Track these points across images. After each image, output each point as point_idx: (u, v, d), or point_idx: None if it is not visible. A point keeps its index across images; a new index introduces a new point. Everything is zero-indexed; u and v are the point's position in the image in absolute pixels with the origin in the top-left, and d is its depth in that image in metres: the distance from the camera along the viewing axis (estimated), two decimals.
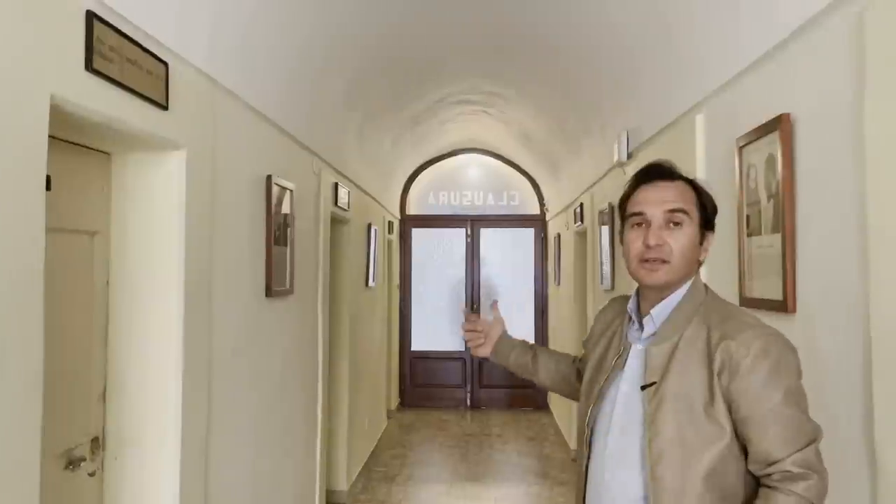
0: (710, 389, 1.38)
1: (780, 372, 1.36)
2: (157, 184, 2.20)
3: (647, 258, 1.46)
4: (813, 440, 1.35)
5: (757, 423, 1.35)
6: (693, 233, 1.48)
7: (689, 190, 1.50)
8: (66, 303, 2.00)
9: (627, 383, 1.51)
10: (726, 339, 1.38)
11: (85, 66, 1.68)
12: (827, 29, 1.70)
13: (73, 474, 2.02)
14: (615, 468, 1.49)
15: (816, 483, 1.32)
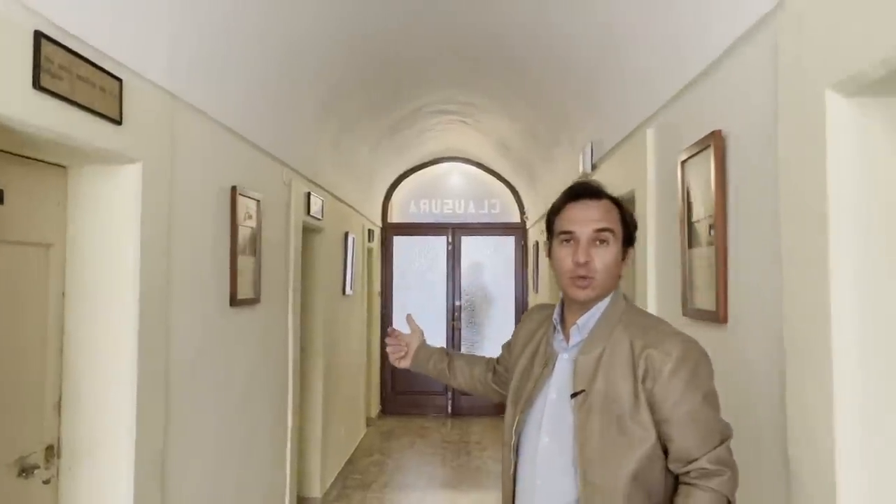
0: (635, 395, 1.48)
1: (699, 377, 1.48)
2: (112, 196, 2.24)
3: (577, 275, 1.55)
4: (726, 438, 1.48)
5: (677, 423, 1.45)
6: (617, 250, 1.57)
7: (614, 208, 1.60)
8: (21, 313, 2.04)
9: (555, 391, 1.58)
10: (648, 348, 1.48)
11: (32, 84, 1.72)
12: (749, 52, 1.77)
13: (27, 482, 2.05)
14: (546, 473, 1.56)
15: (729, 478, 1.45)
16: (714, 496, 1.42)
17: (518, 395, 1.66)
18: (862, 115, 1.33)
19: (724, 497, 1.43)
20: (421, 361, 2.03)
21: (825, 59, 1.39)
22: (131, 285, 2.24)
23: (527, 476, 1.60)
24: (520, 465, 1.62)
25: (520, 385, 1.67)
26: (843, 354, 1.33)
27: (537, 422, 1.59)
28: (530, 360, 1.69)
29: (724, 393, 1.83)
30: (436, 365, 2.01)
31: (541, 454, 1.57)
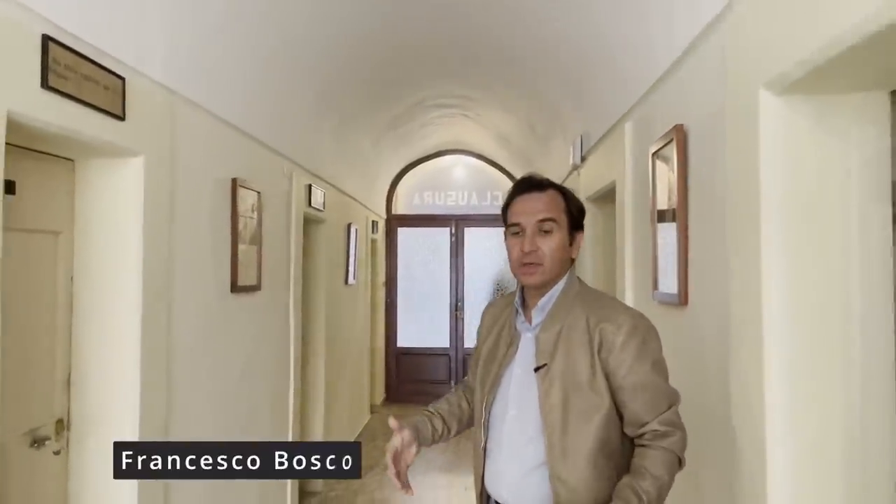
0: (591, 366, 1.63)
1: (647, 347, 1.64)
2: (116, 187, 2.40)
3: (525, 262, 1.70)
4: (673, 403, 1.64)
5: (630, 390, 1.61)
6: (562, 236, 1.71)
7: (559, 197, 1.74)
8: (33, 296, 2.20)
9: (520, 367, 1.73)
10: (602, 322, 1.64)
11: (41, 83, 1.87)
12: (705, 50, 1.90)
13: (39, 452, 2.22)
14: (514, 442, 1.70)
15: (679, 438, 1.61)
16: (665, 454, 1.58)
17: (486, 376, 1.79)
18: (790, 112, 1.46)
19: (675, 455, 1.59)
20: (425, 441, 1.86)
21: (759, 58, 1.51)
22: (134, 270, 2.40)
23: (496, 448, 1.73)
24: (490, 439, 1.75)
25: (486, 367, 1.81)
26: (772, 331, 1.46)
27: (505, 397, 1.74)
28: (495, 342, 1.83)
29: (684, 370, 1.97)
30: (434, 436, 1.90)
31: (508, 425, 1.71)
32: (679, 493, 1.75)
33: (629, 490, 1.55)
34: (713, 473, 1.79)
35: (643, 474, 1.57)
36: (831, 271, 1.44)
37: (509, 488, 1.70)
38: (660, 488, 1.56)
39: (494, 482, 1.75)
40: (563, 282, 1.74)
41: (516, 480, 1.69)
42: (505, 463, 1.72)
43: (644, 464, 1.58)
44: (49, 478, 2.28)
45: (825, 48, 1.23)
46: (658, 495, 1.55)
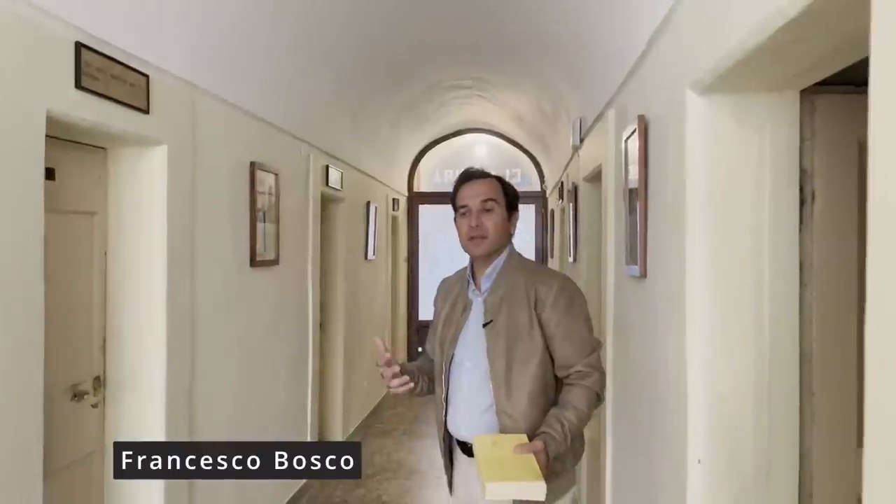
0: (530, 319, 1.97)
1: (573, 303, 1.99)
2: (143, 172, 2.70)
3: (472, 236, 2.04)
4: (595, 349, 1.99)
5: (560, 339, 1.95)
6: (502, 214, 2.07)
7: (497, 183, 2.10)
8: (73, 271, 2.51)
9: (473, 326, 2.06)
10: (537, 284, 1.99)
11: (75, 84, 2.16)
12: (662, 44, 2.10)
13: (79, 404, 2.55)
14: (469, 389, 2.03)
15: (599, 378, 1.96)
16: (586, 391, 1.93)
17: (445, 337, 2.11)
18: (712, 110, 1.67)
19: (594, 391, 1.94)
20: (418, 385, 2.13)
21: (686, 60, 1.72)
22: (160, 246, 2.70)
23: (456, 394, 2.07)
24: (450, 390, 2.08)
25: (445, 329, 2.13)
26: (693, 298, 1.69)
27: (462, 352, 2.06)
28: (451, 309, 2.15)
29: (647, 335, 2.21)
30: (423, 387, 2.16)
31: (465, 375, 2.05)
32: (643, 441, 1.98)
33: (554, 419, 1.87)
34: (666, 419, 2.03)
35: (566, 406, 1.90)
36: (745, 247, 1.65)
37: (466, 427, 2.02)
38: (580, 418, 1.89)
39: (454, 424, 2.07)
40: (505, 254, 2.09)
41: (473, 419, 2.00)
42: (462, 406, 2.04)
43: (568, 398, 1.92)
44: (88, 427, 2.61)
45: (733, 51, 1.43)
46: (578, 423, 1.89)
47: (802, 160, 1.65)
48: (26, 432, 1.95)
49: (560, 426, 1.85)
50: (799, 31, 1.19)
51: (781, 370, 1.64)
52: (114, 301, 2.70)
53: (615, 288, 2.95)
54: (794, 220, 1.65)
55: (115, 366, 2.70)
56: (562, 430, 1.85)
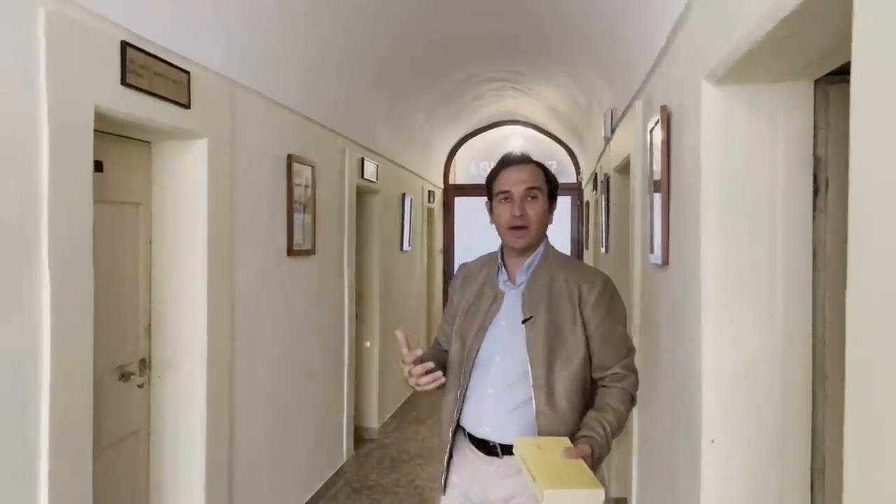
0: (573, 317, 1.89)
1: (614, 304, 1.94)
2: (185, 165, 2.83)
3: (514, 226, 1.93)
4: (631, 351, 1.95)
5: (599, 339, 1.89)
6: (545, 203, 1.97)
7: (540, 171, 1.99)
8: (120, 257, 2.65)
9: (506, 320, 1.95)
10: (580, 281, 1.92)
11: (121, 81, 2.29)
12: (680, 38, 2.14)
13: (126, 384, 2.70)
14: (499, 384, 1.92)
15: (634, 380, 1.92)
16: (623, 393, 1.89)
17: (469, 328, 1.99)
18: (726, 99, 1.71)
19: (630, 393, 1.91)
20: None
21: (701, 50, 1.77)
22: (201, 236, 2.83)
23: (479, 390, 1.94)
24: (471, 385, 1.96)
25: (467, 321, 2.01)
26: (707, 284, 1.74)
27: (491, 346, 1.94)
28: (476, 299, 2.02)
29: (667, 322, 2.26)
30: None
31: (494, 370, 1.93)
32: (664, 420, 2.04)
33: (595, 421, 1.82)
34: (683, 400, 2.08)
35: (606, 409, 1.85)
36: (760, 234, 1.70)
37: (493, 424, 1.91)
38: (619, 420, 1.85)
39: (474, 419, 1.95)
40: (543, 247, 2.00)
41: (501, 416, 1.90)
42: (488, 403, 1.93)
43: (606, 400, 1.87)
44: (134, 406, 2.76)
45: (741, 42, 1.48)
46: (618, 426, 1.85)
47: (817, 149, 1.68)
48: (77, 410, 2.09)
49: (602, 429, 1.79)
50: (799, 24, 1.23)
51: (794, 353, 1.68)
52: (158, 287, 2.84)
53: (641, 276, 3.00)
54: (808, 207, 1.68)
55: (159, 348, 2.85)
56: (604, 434, 1.80)
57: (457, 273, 2.20)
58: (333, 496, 4.33)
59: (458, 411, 1.98)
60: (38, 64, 1.93)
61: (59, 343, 1.99)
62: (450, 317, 2.14)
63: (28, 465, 1.91)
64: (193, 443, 2.84)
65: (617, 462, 4.05)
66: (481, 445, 1.95)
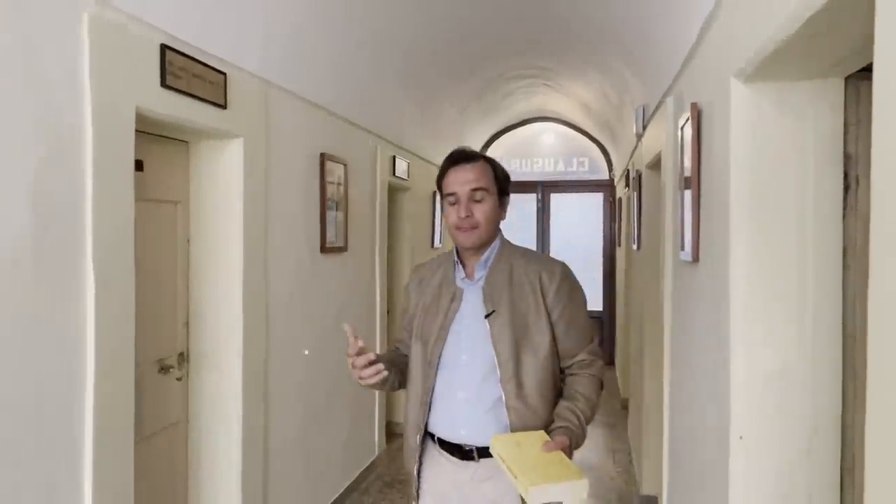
0: (536, 307, 1.87)
1: (575, 291, 1.94)
2: (222, 164, 2.90)
3: (460, 227, 1.89)
4: (594, 336, 1.96)
5: (563, 327, 1.88)
6: (493, 202, 1.91)
7: (488, 167, 1.93)
8: (159, 254, 2.74)
9: (468, 317, 1.90)
10: (540, 269, 1.91)
11: (160, 83, 2.36)
12: (711, 36, 2.14)
13: (165, 377, 2.78)
14: (468, 384, 1.87)
15: (600, 365, 1.94)
16: (592, 380, 1.89)
17: (430, 329, 1.93)
18: (756, 97, 1.71)
19: (599, 379, 1.91)
20: (387, 383, 1.98)
21: (731, 48, 1.77)
22: (237, 233, 2.90)
23: (447, 392, 1.89)
24: (437, 389, 1.90)
25: (427, 322, 1.94)
26: (736, 282, 1.74)
27: (455, 345, 1.89)
28: (434, 299, 1.96)
29: (699, 319, 2.26)
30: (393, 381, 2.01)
31: (461, 370, 1.87)
32: (693, 416, 2.03)
33: (568, 411, 1.81)
34: (711, 396, 2.08)
35: (577, 397, 1.84)
36: (789, 232, 1.69)
37: (469, 426, 1.86)
38: (592, 408, 1.85)
39: (447, 424, 1.89)
40: (498, 241, 1.96)
41: (477, 417, 1.85)
42: (463, 406, 1.87)
43: (577, 388, 1.86)
44: (173, 397, 2.84)
45: (769, 41, 1.48)
46: (591, 413, 1.84)
47: (847, 146, 1.67)
48: (119, 401, 2.17)
49: (576, 418, 1.78)
50: (826, 22, 1.23)
51: (824, 351, 1.68)
52: (196, 283, 2.92)
53: (672, 273, 2.99)
54: (838, 204, 1.68)
55: (197, 343, 2.93)
56: (579, 423, 1.79)
57: (411, 276, 2.13)
58: (365, 490, 4.39)
59: (426, 416, 1.92)
60: (82, 66, 2.01)
61: (102, 336, 2.06)
62: (409, 324, 2.08)
63: (74, 453, 1.99)
64: (230, 435, 2.92)
65: (648, 460, 4.05)
66: (455, 450, 1.90)
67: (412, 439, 1.96)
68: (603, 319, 8.59)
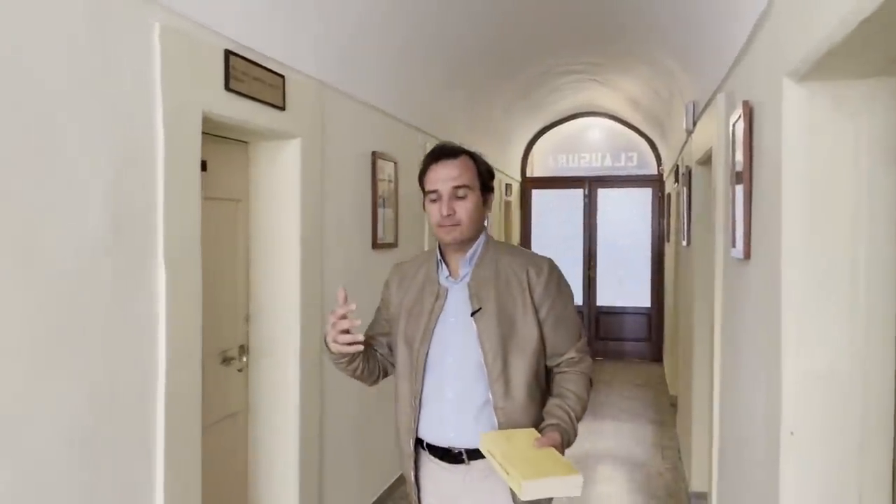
0: (523, 304, 1.81)
1: (562, 287, 1.89)
2: (280, 163, 3.01)
3: (443, 224, 1.81)
4: (583, 334, 1.91)
5: (551, 324, 1.83)
6: (476, 198, 1.84)
7: (470, 162, 1.85)
8: (222, 250, 2.86)
9: (454, 316, 1.84)
10: (526, 266, 1.85)
11: (224, 87, 2.46)
12: (762, 36, 2.14)
13: (227, 368, 2.90)
14: (456, 385, 1.81)
15: (589, 363, 1.89)
16: (582, 377, 1.85)
17: (415, 330, 1.85)
18: (809, 96, 1.72)
19: (588, 376, 1.87)
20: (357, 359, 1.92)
21: (783, 48, 1.78)
22: (295, 229, 3.01)
23: (435, 395, 1.82)
24: (424, 388, 1.84)
25: (411, 323, 1.87)
26: (789, 279, 1.76)
27: (441, 345, 1.83)
28: (417, 298, 1.89)
29: (749, 317, 2.27)
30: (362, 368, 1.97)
31: (448, 372, 1.81)
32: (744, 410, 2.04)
33: (559, 409, 1.77)
34: (762, 392, 2.09)
35: (567, 395, 1.80)
36: (841, 231, 1.70)
37: (459, 430, 1.80)
38: (582, 406, 1.81)
39: (436, 428, 1.83)
40: (483, 238, 1.89)
41: (465, 419, 1.80)
42: (451, 407, 1.81)
43: (567, 386, 1.82)
44: (234, 389, 2.97)
45: (822, 42, 1.50)
46: (581, 412, 1.81)
47: None
48: (188, 390, 2.28)
49: (567, 416, 1.74)
50: (880, 22, 1.25)
51: (877, 349, 1.69)
52: (255, 278, 3.04)
53: (723, 270, 2.99)
54: (893, 203, 1.68)
55: (256, 335, 3.05)
56: (569, 420, 1.75)
57: (390, 274, 2.06)
58: None
59: (416, 420, 1.86)
60: (153, 73, 2.12)
61: (173, 329, 2.18)
62: (383, 320, 2.04)
63: (148, 439, 2.11)
64: (287, 425, 3.03)
65: (697, 457, 4.04)
66: (444, 454, 1.84)
67: (405, 445, 1.90)
68: (651, 315, 8.54)
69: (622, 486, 4.65)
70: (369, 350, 1.97)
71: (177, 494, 2.19)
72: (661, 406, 6.44)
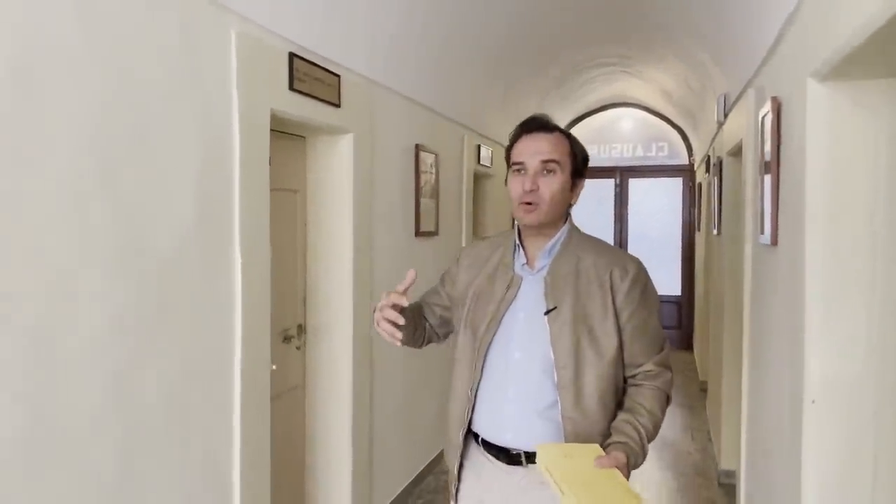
0: (604, 307, 1.67)
1: (648, 292, 1.74)
2: (335, 157, 3.23)
3: (524, 201, 1.67)
4: (665, 346, 1.76)
5: (630, 332, 1.68)
6: (564, 179, 1.69)
7: (564, 141, 1.73)
8: (283, 237, 3.09)
9: (524, 310, 1.71)
10: (611, 266, 1.70)
11: (289, 87, 2.69)
12: (790, 34, 2.30)
13: (287, 345, 3.14)
14: (520, 383, 1.68)
15: (669, 378, 1.73)
16: (658, 392, 1.69)
17: (481, 317, 1.74)
18: (831, 95, 1.88)
19: (665, 393, 1.71)
20: (407, 328, 1.79)
21: (808, 47, 1.94)
22: (348, 218, 3.23)
23: (496, 390, 1.70)
24: (483, 380, 1.72)
25: (479, 308, 1.75)
26: (812, 266, 1.93)
27: (507, 339, 1.70)
28: (488, 283, 1.77)
29: (778, 303, 2.44)
30: (414, 334, 1.92)
31: (513, 367, 1.69)
32: (771, 383, 2.22)
33: (629, 425, 1.62)
34: (788, 367, 2.27)
35: (639, 411, 1.65)
36: (863, 227, 1.86)
37: (518, 430, 1.69)
38: (655, 425, 1.66)
39: (493, 425, 1.72)
40: (566, 228, 1.76)
41: (526, 420, 1.68)
42: (512, 405, 1.69)
43: (640, 401, 1.67)
44: (294, 365, 3.21)
45: (843, 46, 1.66)
46: (654, 430, 1.66)
47: None
48: (259, 363, 2.52)
49: (637, 434, 1.60)
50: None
51: (892, 327, 1.85)
52: (312, 263, 3.27)
53: (752, 256, 3.15)
54: None
55: (313, 316, 3.28)
56: (639, 439, 1.60)
57: (462, 253, 1.95)
58: None
59: (470, 412, 1.75)
60: (230, 77, 2.35)
61: (247, 309, 2.42)
62: (442, 292, 1.95)
63: (227, 405, 2.36)
64: (341, 399, 3.27)
65: (727, 437, 4.21)
66: (501, 453, 1.72)
67: (454, 436, 1.78)
68: (681, 303, 8.65)
69: (650, 464, 4.83)
70: (418, 317, 1.92)
71: (250, 453, 2.44)
72: (692, 392, 6.58)
